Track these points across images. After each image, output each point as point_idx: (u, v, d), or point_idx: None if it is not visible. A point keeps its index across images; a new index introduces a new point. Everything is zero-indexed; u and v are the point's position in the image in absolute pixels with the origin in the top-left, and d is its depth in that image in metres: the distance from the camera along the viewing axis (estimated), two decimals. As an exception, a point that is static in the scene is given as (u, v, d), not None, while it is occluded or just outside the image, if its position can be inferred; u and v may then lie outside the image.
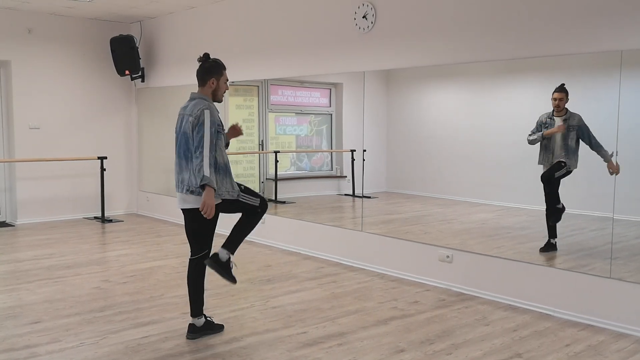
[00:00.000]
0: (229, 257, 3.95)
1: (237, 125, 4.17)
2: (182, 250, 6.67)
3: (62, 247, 6.83)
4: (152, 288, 5.15)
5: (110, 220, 8.57)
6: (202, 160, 3.64)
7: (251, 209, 4.00)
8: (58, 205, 8.66)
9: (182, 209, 3.93)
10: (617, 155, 4.41)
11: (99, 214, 8.70)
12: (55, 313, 4.45)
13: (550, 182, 5.02)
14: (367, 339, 3.99)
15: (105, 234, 7.72)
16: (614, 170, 4.56)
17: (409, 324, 4.29)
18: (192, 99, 3.89)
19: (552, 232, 5.03)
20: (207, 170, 3.63)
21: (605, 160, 4.73)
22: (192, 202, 3.81)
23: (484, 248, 5.35)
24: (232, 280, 3.99)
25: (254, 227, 4.05)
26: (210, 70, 3.88)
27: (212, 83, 3.88)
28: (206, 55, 3.92)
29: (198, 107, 3.76)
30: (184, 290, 5.03)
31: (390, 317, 4.43)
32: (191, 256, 3.99)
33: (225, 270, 3.95)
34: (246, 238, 4.05)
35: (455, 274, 5.18)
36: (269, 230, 6.99)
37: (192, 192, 3.77)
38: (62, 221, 8.53)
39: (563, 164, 4.97)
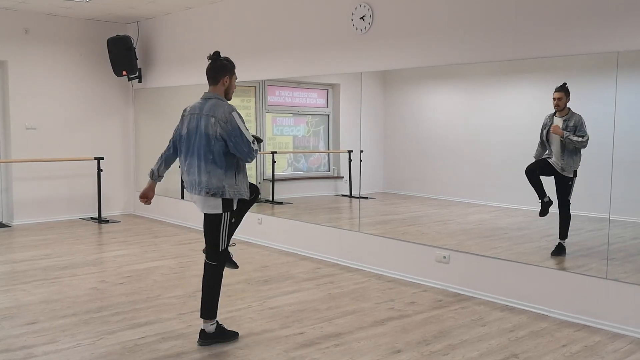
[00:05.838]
0: (215, 323, 3.86)
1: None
2: (179, 250, 6.66)
3: (58, 247, 6.82)
4: (149, 289, 5.14)
5: (107, 221, 8.56)
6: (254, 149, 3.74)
7: (211, 249, 3.82)
8: (55, 205, 8.64)
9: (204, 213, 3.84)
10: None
11: (96, 215, 8.68)
12: (52, 314, 4.45)
13: (569, 199, 4.98)
14: (364, 339, 3.99)
15: (102, 235, 7.71)
16: (556, 131, 4.87)
17: (405, 324, 4.30)
18: (207, 98, 3.81)
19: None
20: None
21: (578, 146, 4.83)
22: (213, 207, 3.74)
23: (480, 249, 5.36)
24: (236, 334, 3.94)
25: (216, 283, 3.83)
26: (225, 68, 3.82)
27: (225, 81, 3.83)
28: (217, 53, 3.84)
29: (222, 109, 3.69)
30: (181, 290, 5.05)
31: (387, 318, 4.43)
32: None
33: (222, 336, 3.87)
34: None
35: (452, 274, 5.19)
36: (266, 230, 7.00)
37: (213, 195, 3.69)
38: (59, 222, 8.52)
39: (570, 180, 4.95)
